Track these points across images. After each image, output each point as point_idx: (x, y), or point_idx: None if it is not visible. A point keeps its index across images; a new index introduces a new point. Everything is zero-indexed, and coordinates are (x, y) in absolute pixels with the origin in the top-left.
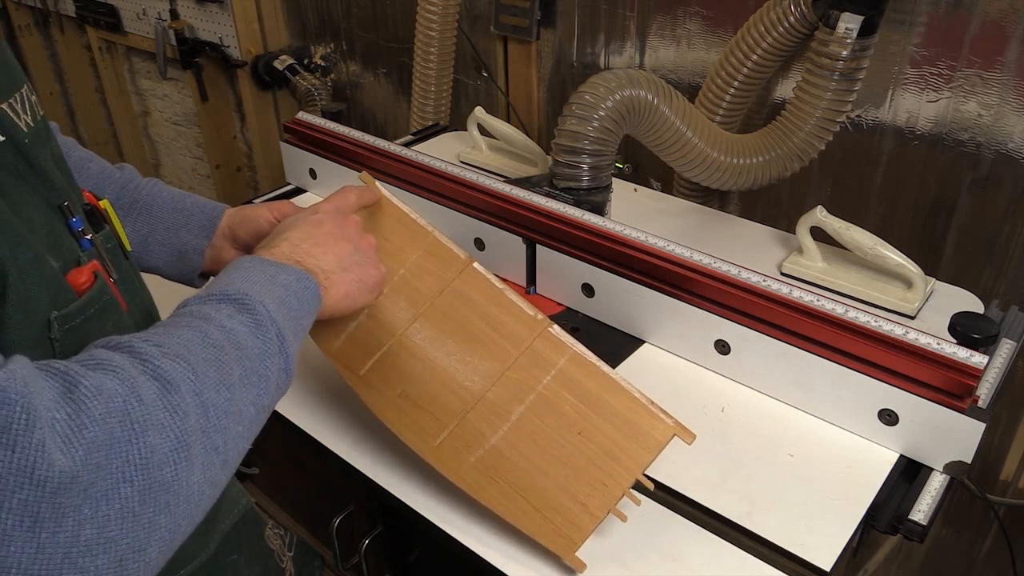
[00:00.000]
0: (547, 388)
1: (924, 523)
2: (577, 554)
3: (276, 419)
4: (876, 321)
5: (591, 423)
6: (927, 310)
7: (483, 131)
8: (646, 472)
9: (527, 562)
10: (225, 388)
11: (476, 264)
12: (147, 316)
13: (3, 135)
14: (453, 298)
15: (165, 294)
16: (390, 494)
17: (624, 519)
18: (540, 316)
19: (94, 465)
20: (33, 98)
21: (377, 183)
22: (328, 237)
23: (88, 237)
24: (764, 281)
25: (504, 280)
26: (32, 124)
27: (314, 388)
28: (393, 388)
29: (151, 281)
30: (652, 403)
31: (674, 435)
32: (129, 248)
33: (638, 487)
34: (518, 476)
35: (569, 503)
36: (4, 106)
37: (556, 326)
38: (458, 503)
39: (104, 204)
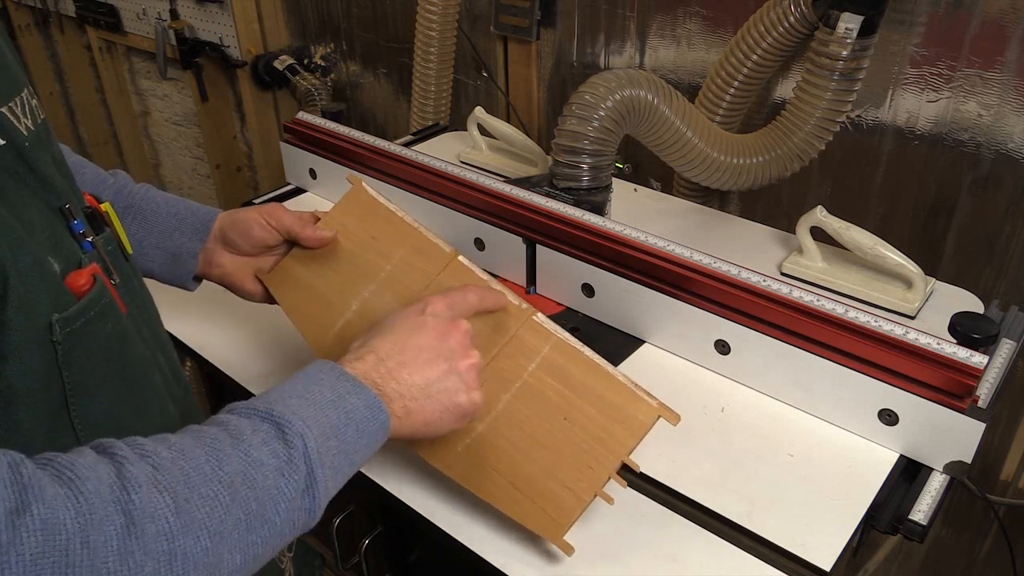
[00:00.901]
0: (532, 376)
1: (924, 523)
2: (569, 540)
3: None
4: (876, 321)
5: (576, 408)
6: (927, 310)
7: (483, 131)
8: (632, 455)
9: (528, 561)
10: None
11: (461, 257)
12: (148, 318)
13: (3, 139)
14: (438, 291)
15: (165, 295)
16: (390, 494)
17: (611, 501)
18: (524, 305)
19: None
20: (34, 101)
21: (364, 183)
22: (421, 353)
23: (89, 239)
24: (764, 281)
25: (504, 280)
26: (33, 127)
27: None
28: None
29: (152, 283)
30: (636, 386)
31: (659, 416)
32: (130, 251)
33: (626, 470)
34: (505, 463)
35: (556, 487)
36: (4, 109)
37: (540, 314)
38: (458, 503)
39: (105, 207)
